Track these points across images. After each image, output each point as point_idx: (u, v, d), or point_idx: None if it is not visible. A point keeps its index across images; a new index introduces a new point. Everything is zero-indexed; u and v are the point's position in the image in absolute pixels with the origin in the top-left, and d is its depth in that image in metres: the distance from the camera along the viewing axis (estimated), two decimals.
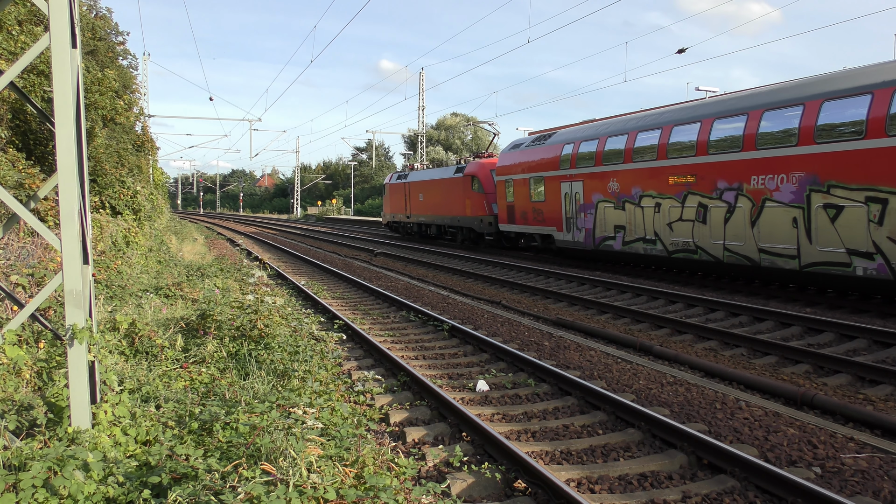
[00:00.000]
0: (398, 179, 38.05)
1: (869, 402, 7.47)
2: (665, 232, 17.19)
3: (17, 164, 11.84)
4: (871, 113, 12.02)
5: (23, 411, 5.07)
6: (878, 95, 11.91)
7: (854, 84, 12.64)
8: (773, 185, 14.12)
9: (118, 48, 26.27)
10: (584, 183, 20.35)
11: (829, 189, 12.95)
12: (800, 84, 14.20)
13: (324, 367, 8.07)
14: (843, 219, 12.68)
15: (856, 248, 12.47)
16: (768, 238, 14.28)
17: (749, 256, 14.83)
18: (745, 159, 14.79)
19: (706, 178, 15.83)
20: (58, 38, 4.49)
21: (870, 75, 12.54)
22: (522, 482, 5.31)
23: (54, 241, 4.66)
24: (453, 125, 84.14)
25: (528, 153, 23.79)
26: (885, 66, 12.53)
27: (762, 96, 14.92)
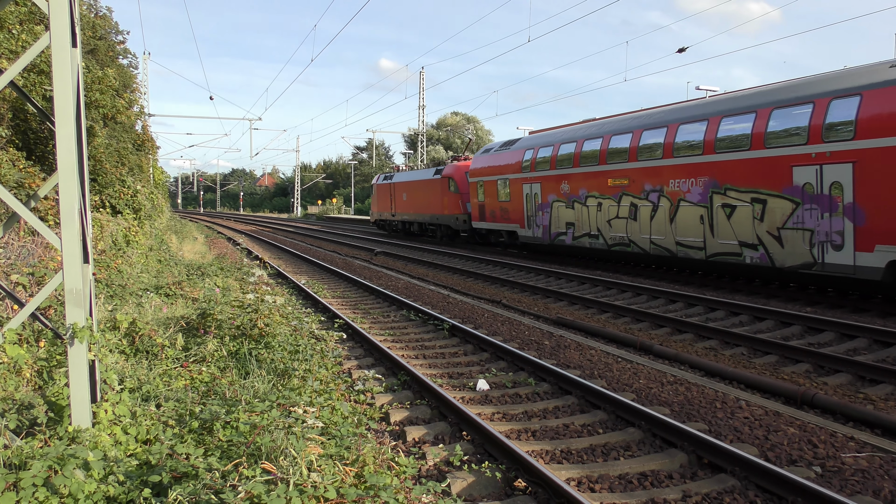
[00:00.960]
0: (384, 180, 40.42)
1: (869, 402, 7.47)
2: (605, 228, 19.63)
3: (18, 163, 11.85)
4: (755, 129, 14.60)
5: (23, 410, 5.07)
6: (760, 114, 14.59)
7: (743, 105, 15.30)
8: (686, 187, 16.59)
9: (118, 47, 26.28)
10: (542, 185, 22.67)
11: (725, 191, 15.40)
12: (706, 103, 16.83)
13: (324, 366, 8.08)
14: (735, 216, 15.14)
15: (745, 240, 14.92)
16: (683, 232, 16.71)
17: (669, 248, 17.23)
18: (664, 165, 17.20)
19: (637, 181, 18.21)
20: (58, 37, 4.49)
21: (754, 97, 15.17)
22: (523, 481, 5.31)
23: (54, 241, 4.66)
24: (454, 124, 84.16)
25: (497, 157, 26.16)
26: (768, 89, 15.23)
27: (678, 112, 17.38)
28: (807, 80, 14.51)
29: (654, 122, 18.06)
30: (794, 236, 13.70)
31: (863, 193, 12.35)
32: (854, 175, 12.48)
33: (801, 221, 13.56)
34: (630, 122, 19.19)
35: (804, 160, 13.44)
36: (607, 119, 21.19)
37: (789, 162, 13.76)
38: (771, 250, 14.23)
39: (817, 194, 13.21)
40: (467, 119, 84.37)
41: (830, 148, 12.90)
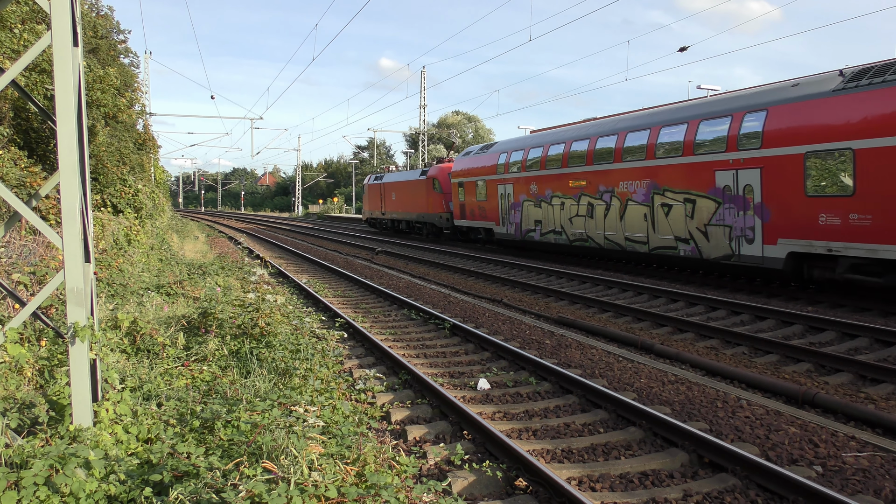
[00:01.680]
0: (375, 180, 42.60)
1: (870, 401, 7.46)
2: (567, 225, 21.55)
3: (20, 162, 11.86)
4: (686, 137, 16.62)
5: (24, 409, 5.08)
6: (691, 125, 16.57)
7: (678, 116, 17.20)
8: (633, 188, 18.46)
9: (119, 46, 26.28)
10: (514, 186, 24.66)
11: (664, 192, 17.32)
12: (649, 113, 18.83)
13: (325, 365, 8.08)
14: (671, 214, 17.12)
15: (679, 235, 16.90)
16: (631, 229, 18.64)
17: (619, 243, 19.17)
18: (615, 169, 19.21)
19: (593, 182, 20.19)
20: (59, 36, 4.49)
21: (687, 110, 17.16)
22: (523, 480, 5.31)
23: (56, 240, 4.66)
24: (455, 123, 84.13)
25: (476, 160, 28.23)
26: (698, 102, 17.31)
27: (627, 121, 19.44)
28: (728, 95, 16.69)
29: (607, 129, 20.03)
30: (718, 232, 15.69)
31: (768, 194, 14.36)
32: (761, 178, 14.50)
33: (722, 219, 15.54)
34: (588, 129, 21.16)
35: (724, 165, 15.45)
36: (570, 126, 23.10)
37: (713, 167, 15.78)
38: (699, 244, 16.26)
39: (734, 195, 15.23)
40: (468, 118, 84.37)
41: (743, 155, 14.94)
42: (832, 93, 13.25)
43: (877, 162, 12.11)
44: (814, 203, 13.33)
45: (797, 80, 14.69)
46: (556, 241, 22.23)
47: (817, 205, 13.27)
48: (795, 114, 13.84)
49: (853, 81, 12.94)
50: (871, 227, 12.26)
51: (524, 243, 24.52)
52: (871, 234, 12.25)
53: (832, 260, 13.34)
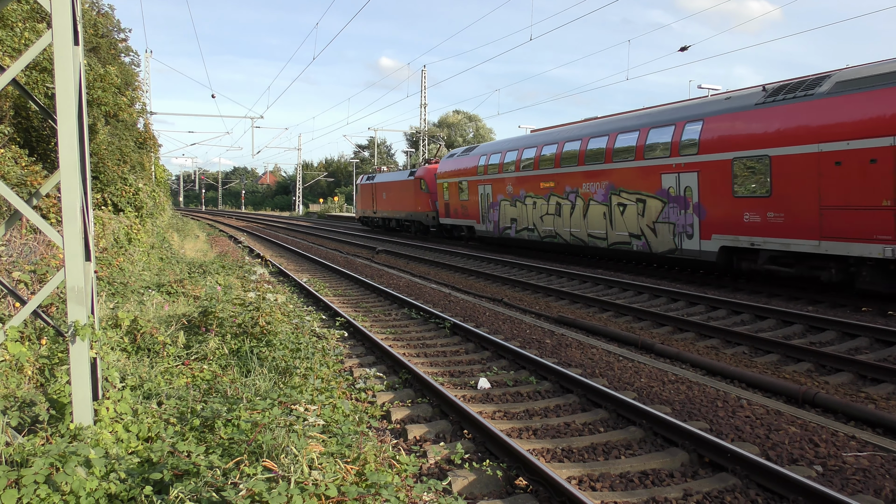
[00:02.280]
0: (367, 180, 44.51)
1: (871, 401, 7.46)
2: (539, 223, 23.27)
3: (20, 160, 11.86)
4: (638, 143, 18.29)
5: (25, 408, 5.08)
6: (642, 132, 18.32)
7: (631, 124, 18.97)
8: (594, 189, 20.21)
9: (120, 45, 26.28)
10: (492, 186, 26.44)
11: (619, 193, 19.03)
12: (608, 121, 20.78)
13: (325, 364, 8.08)
14: (626, 213, 18.77)
15: (633, 232, 18.52)
16: (592, 226, 20.39)
17: (582, 239, 20.89)
18: (579, 171, 20.93)
19: (560, 184, 21.90)
20: (60, 34, 4.49)
21: (640, 118, 18.93)
22: (524, 480, 5.32)
23: (56, 238, 4.66)
24: (455, 123, 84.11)
25: (459, 161, 29.95)
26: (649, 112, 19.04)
27: (589, 127, 21.23)
28: (673, 106, 18.28)
29: (573, 135, 21.79)
30: (664, 228, 17.44)
31: (704, 195, 16.10)
32: (698, 181, 16.23)
33: (667, 217, 17.28)
34: (556, 134, 23.11)
35: (668, 169, 17.17)
36: (540, 132, 25.23)
37: (659, 170, 17.46)
38: (649, 239, 17.95)
39: (677, 196, 16.95)
40: (469, 117, 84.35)
41: (684, 160, 16.65)
42: (755, 106, 14.95)
43: (788, 167, 13.91)
44: (740, 203, 15.15)
45: (730, 93, 16.55)
46: (529, 237, 24.03)
47: (742, 205, 15.08)
48: (725, 124, 15.59)
49: (772, 96, 14.64)
50: (784, 224, 14.09)
51: (502, 240, 26.37)
52: (784, 230, 14.09)
53: (755, 253, 15.14)
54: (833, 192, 13.04)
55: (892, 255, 11.99)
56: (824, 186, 13.19)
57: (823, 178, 13.19)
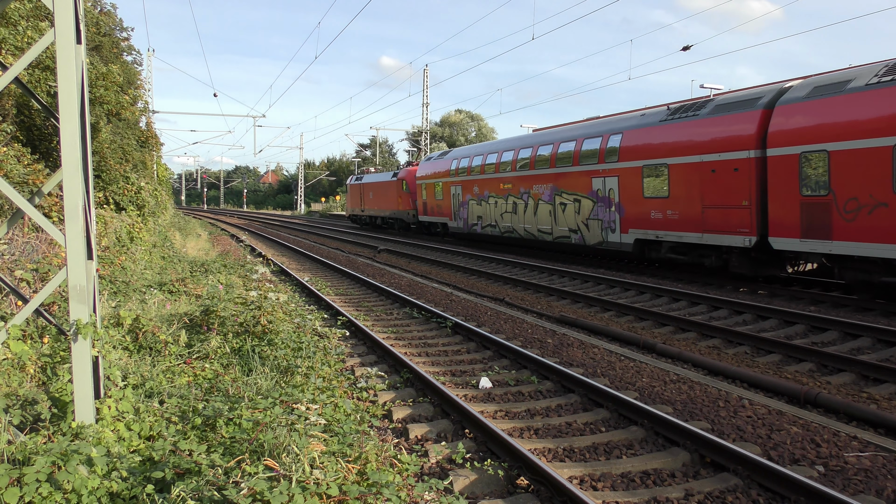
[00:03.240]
0: (356, 181, 47.47)
1: (872, 401, 7.45)
2: (499, 220, 26.23)
3: (23, 159, 11.86)
4: (575, 150, 21.41)
5: (27, 406, 5.09)
6: (578, 141, 21.37)
7: (571, 135, 22.13)
8: (541, 190, 23.18)
9: (122, 44, 26.30)
10: (462, 187, 29.41)
11: (561, 194, 22.08)
12: (554, 131, 23.94)
13: (327, 363, 8.08)
14: (566, 211, 21.85)
15: (572, 227, 21.61)
16: (541, 222, 23.35)
17: (533, 234, 23.90)
18: (531, 174, 23.83)
19: (516, 185, 24.85)
20: (62, 33, 4.49)
21: (577, 130, 22.11)
22: (525, 479, 5.31)
23: (59, 237, 4.67)
24: (457, 122, 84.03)
25: (435, 165, 32.89)
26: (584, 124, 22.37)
27: (539, 136, 24.38)
28: (603, 119, 21.64)
29: (526, 143, 24.81)
30: (594, 224, 20.42)
31: (623, 196, 19.00)
32: (619, 184, 19.15)
33: (597, 214, 20.26)
34: (514, 142, 26.08)
35: (597, 174, 20.21)
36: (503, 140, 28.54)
37: (590, 175, 20.53)
38: (583, 234, 21.04)
39: (603, 196, 19.90)
40: (471, 117, 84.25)
41: (608, 166, 19.62)
42: (659, 122, 17.92)
43: (680, 174, 16.96)
44: (648, 203, 18.12)
45: (646, 110, 19.49)
46: (491, 233, 27.08)
47: (650, 204, 18.07)
48: (638, 136, 18.56)
49: (672, 115, 17.56)
50: (679, 220, 17.09)
51: (470, 235, 29.38)
52: (679, 225, 17.09)
53: (659, 244, 18.09)
54: (710, 195, 16.08)
55: (749, 244, 15.02)
56: (705, 190, 16.24)
57: (704, 183, 16.24)
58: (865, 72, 13.24)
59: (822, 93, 13.68)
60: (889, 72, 12.62)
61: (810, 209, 13.65)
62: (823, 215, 13.41)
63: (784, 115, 14.29)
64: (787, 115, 14.24)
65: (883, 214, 12.33)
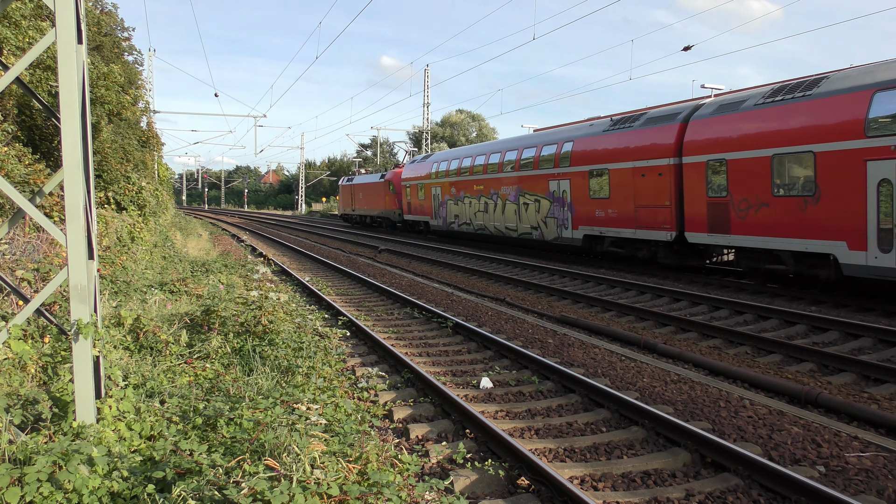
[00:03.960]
0: (347, 182, 49.99)
1: (873, 401, 7.45)
2: (473, 219, 28.77)
3: (24, 158, 11.87)
4: (535, 156, 23.90)
5: (28, 406, 5.09)
6: (539, 148, 23.74)
7: (533, 142, 24.48)
8: (508, 192, 25.61)
9: (123, 44, 26.31)
10: (441, 188, 32.08)
11: (524, 194, 24.51)
12: (519, 138, 26.45)
13: (328, 363, 8.08)
14: (529, 210, 24.22)
15: (533, 225, 24.00)
16: (507, 220, 25.79)
17: (501, 231, 26.32)
18: (499, 177, 26.42)
19: (487, 187, 27.37)
20: (64, 33, 4.50)
21: (537, 138, 24.64)
22: (526, 479, 5.31)
23: (60, 237, 4.67)
24: (458, 122, 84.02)
25: (418, 168, 35.63)
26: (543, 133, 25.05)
27: (507, 143, 26.93)
28: (559, 128, 24.53)
29: (495, 148, 27.66)
30: (551, 222, 22.87)
31: (574, 197, 21.54)
32: (570, 186, 21.69)
33: (553, 213, 22.70)
34: (485, 147, 29.30)
35: (553, 177, 22.69)
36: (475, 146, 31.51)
37: (548, 178, 22.97)
38: (542, 230, 23.40)
39: (558, 197, 22.36)
40: (472, 117, 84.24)
41: (562, 170, 22.16)
42: (603, 132, 20.41)
43: (619, 178, 19.36)
44: (594, 203, 20.57)
45: (594, 120, 22.34)
46: (467, 230, 29.61)
47: (595, 204, 20.51)
48: (586, 144, 21.03)
49: (612, 126, 20.09)
50: (617, 218, 19.50)
51: (449, 232, 31.96)
52: (617, 222, 19.47)
53: (602, 239, 20.58)
54: (641, 196, 18.42)
55: (671, 238, 17.45)
56: (637, 192, 18.61)
57: (636, 186, 18.58)
58: (756, 94, 15.48)
59: (724, 111, 16.00)
60: (772, 94, 14.86)
61: (714, 208, 16.15)
62: (723, 213, 15.90)
63: (695, 128, 16.71)
64: (697, 128, 16.65)
65: (765, 212, 14.75)
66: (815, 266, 13.96)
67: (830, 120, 13.21)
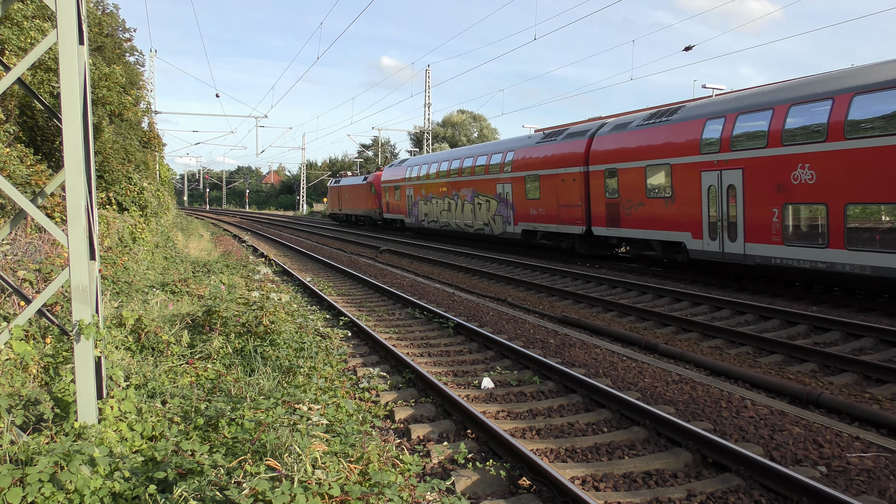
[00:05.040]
0: (335, 184, 54.71)
1: (875, 402, 7.44)
2: (439, 217, 32.89)
3: (25, 159, 11.88)
4: (486, 163, 27.88)
5: (30, 406, 5.10)
6: (489, 156, 27.81)
7: (484, 151, 29.04)
8: (466, 193, 29.76)
9: (125, 45, 26.34)
10: (414, 190, 36.14)
11: (478, 196, 28.52)
12: (474, 147, 31.28)
13: (329, 363, 8.09)
14: (481, 209, 28.27)
15: (485, 222, 27.95)
16: (465, 218, 29.88)
17: (462, 227, 30.33)
18: (460, 180, 30.37)
19: (450, 189, 31.48)
20: (65, 34, 4.50)
21: (488, 147, 29.37)
22: (527, 480, 5.31)
23: (61, 237, 4.67)
24: (459, 122, 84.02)
25: (395, 171, 39.79)
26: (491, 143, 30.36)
27: (466, 151, 31.48)
28: (505, 140, 29.13)
29: (457, 155, 31.82)
30: (498, 219, 26.86)
31: (514, 198, 25.58)
32: (512, 189, 25.69)
33: (500, 212, 26.66)
34: (449, 154, 33.60)
35: (499, 181, 26.70)
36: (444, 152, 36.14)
37: (495, 181, 27.02)
38: (492, 226, 27.41)
39: (503, 198, 26.41)
40: (473, 117, 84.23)
41: (506, 175, 26.18)
42: (535, 144, 24.59)
43: (547, 182, 23.42)
44: (529, 203, 24.62)
45: (532, 134, 26.19)
46: (434, 227, 33.68)
47: (530, 204, 24.56)
48: (524, 153, 25.18)
49: (544, 138, 24.25)
50: (546, 216, 23.61)
51: (420, 229, 36.12)
52: (546, 219, 23.62)
53: (535, 233, 24.49)
54: (562, 197, 22.57)
55: (582, 232, 21.55)
56: (559, 194, 22.72)
57: (559, 189, 22.72)
58: (640, 116, 19.63)
59: (617, 129, 20.15)
60: (648, 118, 18.95)
61: (610, 207, 20.16)
62: (616, 211, 19.89)
63: (598, 143, 20.90)
64: (599, 143, 20.81)
65: (642, 210, 18.76)
66: (675, 252, 17.86)
67: (680, 140, 17.34)
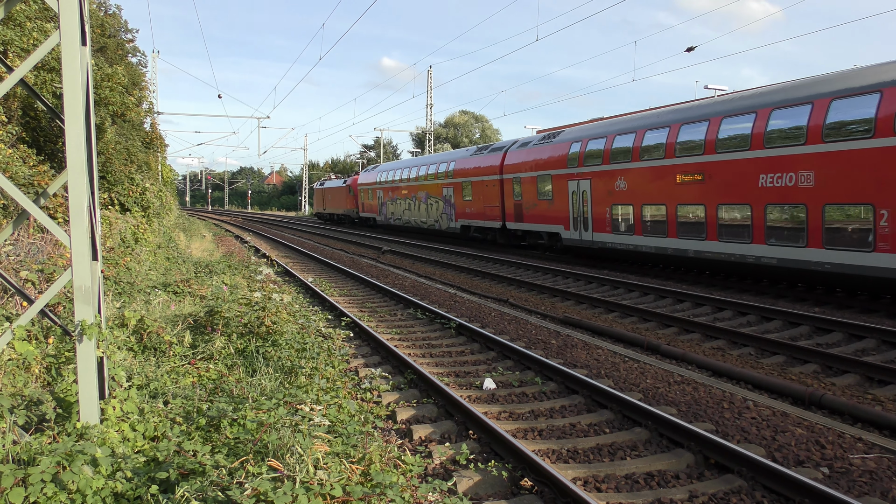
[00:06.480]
0: (319, 186, 60.48)
1: (878, 403, 7.43)
2: (402, 215, 38.49)
3: (28, 160, 11.91)
4: (436, 171, 33.72)
5: (32, 406, 5.10)
6: (437, 164, 34.17)
7: (433, 160, 35.34)
8: (422, 195, 35.22)
9: (127, 45, 26.38)
10: (383, 192, 41.71)
11: (430, 197, 34.25)
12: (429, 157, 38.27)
13: (331, 364, 8.09)
14: (433, 208, 33.93)
15: (436, 219, 33.76)
16: (421, 217, 35.57)
17: (419, 224, 35.89)
18: (415, 184, 36.09)
19: (409, 191, 37.03)
20: (68, 35, 4.51)
21: (436, 157, 36.08)
22: (529, 480, 5.31)
23: (64, 238, 4.68)
24: (461, 123, 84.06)
25: (368, 175, 45.14)
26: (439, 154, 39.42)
27: (423, 160, 37.19)
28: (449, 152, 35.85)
29: (415, 163, 37.52)
30: (444, 217, 32.72)
31: (455, 200, 31.35)
32: (453, 192, 31.44)
33: (445, 211, 32.44)
34: (410, 162, 39.28)
35: (445, 185, 32.35)
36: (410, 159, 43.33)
37: (441, 186, 32.74)
38: (440, 223, 33.10)
39: (447, 199, 32.23)
40: (475, 118, 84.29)
41: (449, 181, 31.90)
42: (471, 155, 30.42)
43: (476, 187, 29.00)
44: (465, 203, 30.32)
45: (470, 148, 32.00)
46: (398, 223, 39.28)
47: (466, 204, 30.30)
48: (462, 163, 30.93)
49: (476, 151, 30.13)
50: (477, 213, 29.30)
51: (388, 226, 41.47)
52: (477, 216, 29.35)
53: (470, 227, 30.32)
54: (487, 199, 28.16)
55: (500, 226, 27.29)
56: (485, 196, 28.31)
57: (484, 193, 28.35)
58: (538, 137, 25.32)
59: (521, 147, 25.79)
60: (541, 139, 24.53)
61: (516, 207, 25.93)
62: (520, 209, 25.66)
63: (509, 157, 26.50)
64: (510, 157, 26.45)
65: (535, 209, 24.50)
66: (555, 241, 23.58)
67: (557, 156, 22.97)
